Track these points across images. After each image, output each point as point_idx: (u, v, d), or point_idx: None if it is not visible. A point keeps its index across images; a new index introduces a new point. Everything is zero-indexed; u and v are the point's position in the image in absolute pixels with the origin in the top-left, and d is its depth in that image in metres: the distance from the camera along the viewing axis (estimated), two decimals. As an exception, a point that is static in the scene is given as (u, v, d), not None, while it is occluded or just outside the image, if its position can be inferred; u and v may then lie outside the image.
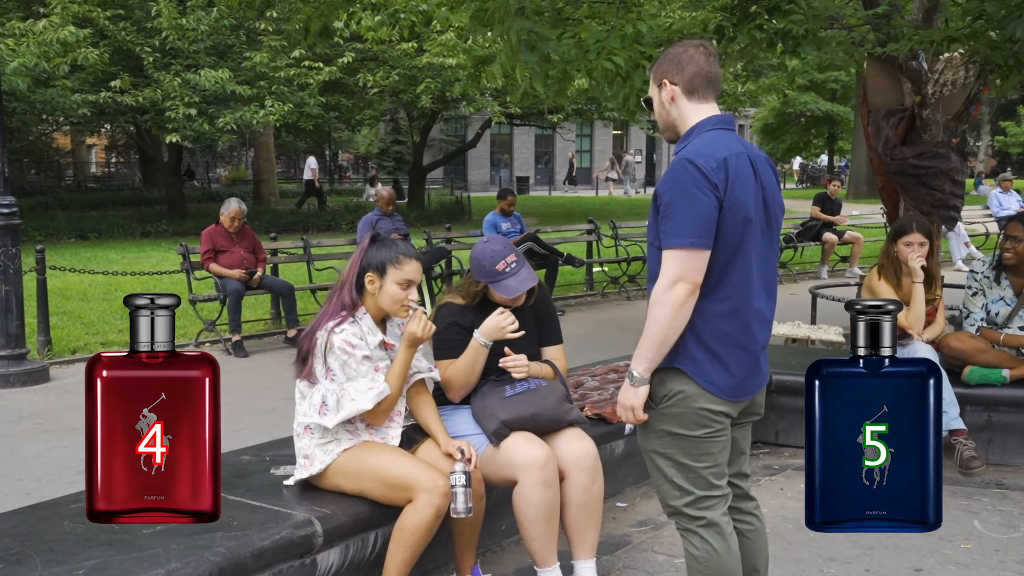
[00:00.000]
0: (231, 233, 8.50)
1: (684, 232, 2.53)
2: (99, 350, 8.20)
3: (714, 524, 2.73)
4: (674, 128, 2.76)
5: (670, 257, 2.55)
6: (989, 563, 3.83)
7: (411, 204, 24.33)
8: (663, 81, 2.73)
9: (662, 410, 2.70)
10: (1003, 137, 41.52)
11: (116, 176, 39.85)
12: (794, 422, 5.35)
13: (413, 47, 17.63)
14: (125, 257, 14.92)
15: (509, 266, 3.52)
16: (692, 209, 2.52)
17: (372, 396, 3.20)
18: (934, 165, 7.23)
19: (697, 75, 2.69)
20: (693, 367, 2.63)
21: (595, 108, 23.08)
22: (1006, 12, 4.81)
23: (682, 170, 2.56)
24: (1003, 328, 4.99)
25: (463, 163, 38.93)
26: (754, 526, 2.94)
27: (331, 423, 3.21)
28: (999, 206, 15.97)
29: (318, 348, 3.24)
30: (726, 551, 2.72)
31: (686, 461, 2.71)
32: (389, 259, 3.28)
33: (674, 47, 2.77)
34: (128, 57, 16.69)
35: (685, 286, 2.54)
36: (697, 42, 2.78)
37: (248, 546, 2.90)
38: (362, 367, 3.23)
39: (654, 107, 2.80)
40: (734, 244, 2.59)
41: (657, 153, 45.37)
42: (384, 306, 3.30)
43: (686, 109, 2.72)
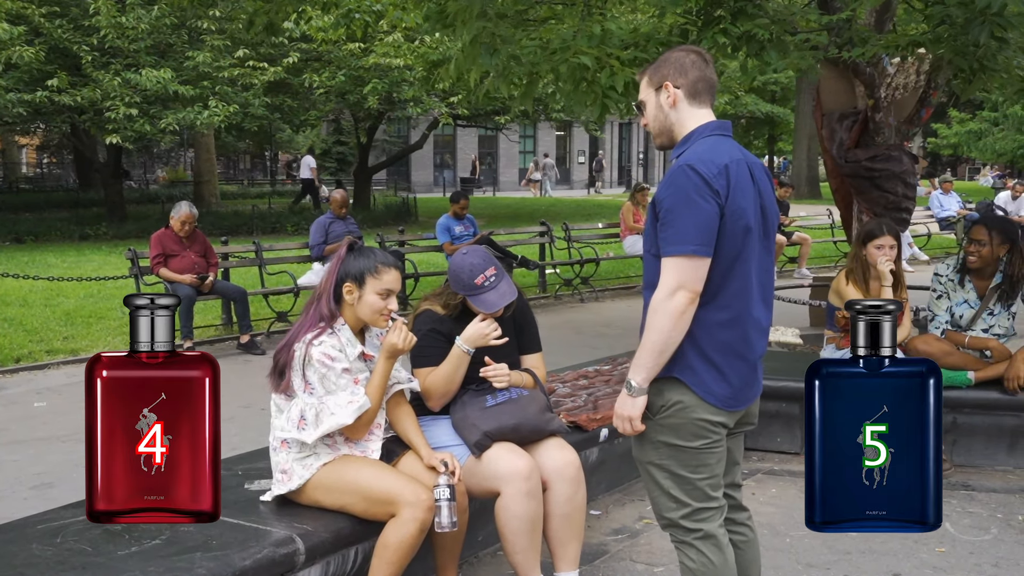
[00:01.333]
0: (181, 237, 8.30)
1: (685, 240, 2.49)
2: (44, 359, 7.96)
3: (711, 536, 2.69)
4: (670, 133, 2.72)
5: (670, 265, 2.51)
6: (964, 566, 3.86)
7: (357, 206, 24.06)
8: (665, 84, 2.68)
9: (659, 421, 2.66)
10: (934, 139, 42.54)
11: (50, 177, 38.84)
12: (762, 426, 5.30)
13: (359, 48, 17.46)
14: (65, 261, 14.51)
15: (488, 280, 3.44)
16: (694, 216, 2.49)
17: (352, 410, 3.12)
18: (887, 167, 7.35)
19: (700, 79, 2.67)
20: (692, 377, 2.60)
21: (541, 109, 23.08)
22: (968, 17, 4.87)
23: (684, 176, 2.52)
24: (967, 330, 5.06)
25: (407, 164, 38.70)
26: (747, 537, 2.92)
27: (310, 438, 3.12)
28: (940, 207, 16.34)
29: (296, 361, 3.14)
30: (723, 564, 2.69)
31: (683, 473, 2.67)
32: (367, 268, 3.20)
33: (673, 52, 2.74)
34: (65, 55, 16.25)
35: (686, 295, 2.50)
36: (694, 48, 2.75)
37: (229, 566, 2.80)
38: (341, 380, 3.14)
39: (648, 111, 2.75)
40: (734, 252, 2.56)
41: (602, 151, 45.59)
42: (363, 316, 3.22)
43: (686, 113, 2.68)
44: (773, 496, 4.73)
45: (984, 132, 37.57)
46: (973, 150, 39.00)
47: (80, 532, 3.00)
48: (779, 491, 4.80)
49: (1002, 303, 5.01)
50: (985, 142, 37.35)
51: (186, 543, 2.89)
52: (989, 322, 5.04)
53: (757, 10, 5.65)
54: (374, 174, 27.03)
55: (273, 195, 30.67)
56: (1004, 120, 35.78)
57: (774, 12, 5.83)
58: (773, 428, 5.37)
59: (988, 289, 5.02)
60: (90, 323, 9.30)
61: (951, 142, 40.26)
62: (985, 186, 35.87)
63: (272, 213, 22.32)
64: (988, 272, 5.00)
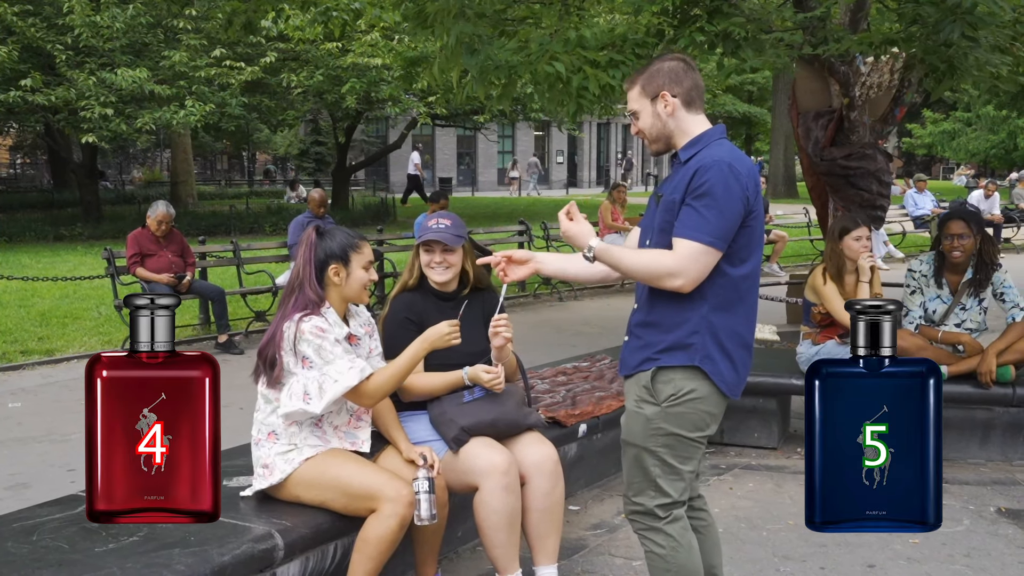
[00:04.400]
0: (158, 237, 8.26)
1: (708, 229, 2.55)
2: (19, 359, 7.89)
3: (679, 519, 2.78)
4: (669, 139, 2.79)
5: (683, 248, 2.57)
6: (938, 557, 3.91)
7: (336, 206, 24.01)
8: (661, 94, 2.75)
9: (665, 408, 2.70)
10: (909, 139, 42.92)
11: (23, 177, 38.48)
12: (739, 421, 5.40)
13: (337, 47, 17.40)
14: (39, 262, 14.39)
15: (439, 224, 3.58)
16: (724, 211, 2.56)
17: (355, 373, 3.09)
18: (862, 166, 7.42)
19: (693, 87, 2.76)
20: (712, 367, 2.67)
21: (519, 110, 23.09)
22: (940, 16, 4.93)
23: (727, 173, 2.58)
24: (940, 325, 5.11)
25: (385, 164, 38.61)
26: (707, 521, 3.01)
27: (319, 408, 3.09)
28: (914, 205, 16.49)
29: (286, 341, 3.11)
30: (689, 546, 2.78)
31: (674, 463, 2.73)
32: (349, 246, 3.23)
33: (664, 62, 2.80)
34: (39, 55, 16.10)
35: (680, 282, 2.57)
36: (680, 56, 2.83)
37: (208, 562, 2.79)
38: (337, 349, 3.12)
39: (643, 120, 2.81)
40: (757, 256, 2.70)
41: (578, 155, 45.68)
42: (351, 293, 3.24)
43: (685, 120, 2.75)
44: (751, 491, 4.77)
45: (958, 132, 37.99)
46: (947, 150, 39.44)
47: (56, 530, 2.99)
48: (756, 485, 4.84)
49: (974, 296, 5.07)
50: (959, 142, 37.78)
51: (164, 539, 2.88)
52: (961, 317, 5.10)
53: (733, 9, 5.69)
54: (352, 174, 26.95)
55: (251, 196, 30.52)
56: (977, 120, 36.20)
57: (750, 11, 5.87)
58: (751, 423, 5.42)
59: (960, 284, 5.08)
60: (65, 323, 9.23)
61: (925, 142, 40.69)
62: (959, 185, 36.23)
63: (250, 213, 22.21)
64: (961, 267, 5.06)
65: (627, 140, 48.31)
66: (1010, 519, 4.37)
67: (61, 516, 3.12)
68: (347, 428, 3.28)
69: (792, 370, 5.36)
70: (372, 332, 3.44)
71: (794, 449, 5.43)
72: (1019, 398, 4.99)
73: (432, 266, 3.60)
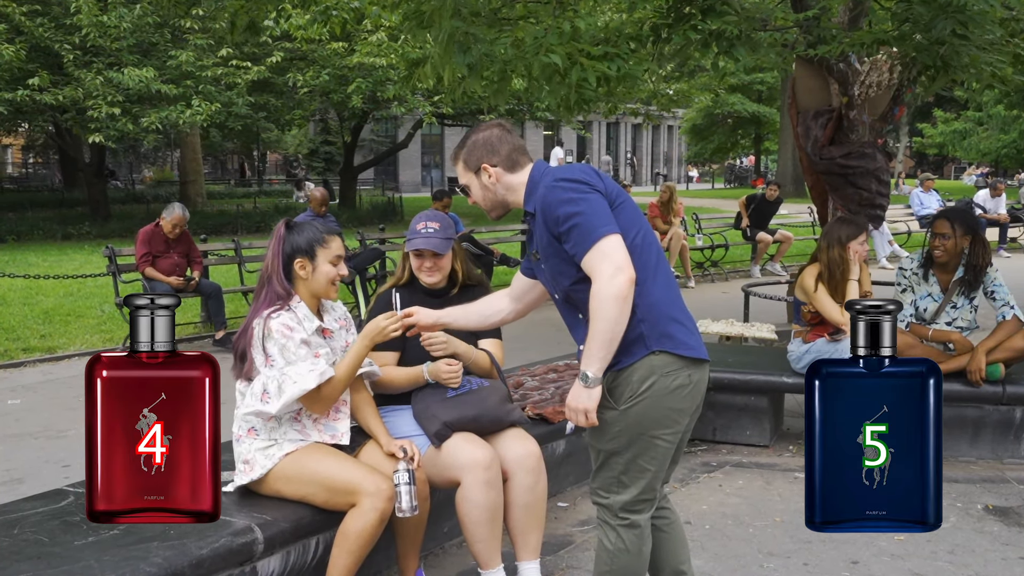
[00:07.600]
0: (169, 238, 8.34)
1: (594, 226, 2.56)
2: (21, 356, 7.95)
3: (636, 526, 2.78)
4: (504, 203, 2.87)
5: (596, 254, 2.56)
6: (921, 553, 3.91)
7: (343, 205, 24.10)
8: (482, 167, 2.81)
9: (625, 410, 2.67)
10: (920, 139, 42.76)
11: (35, 177, 38.67)
12: (731, 419, 5.41)
13: (343, 47, 17.45)
14: (46, 260, 14.48)
15: (427, 228, 3.58)
16: (588, 208, 2.58)
17: (314, 376, 3.12)
18: (861, 165, 7.41)
19: (513, 150, 2.82)
20: (671, 343, 2.65)
21: (527, 109, 23.09)
22: (933, 14, 4.92)
23: (557, 189, 2.63)
24: (931, 324, 5.11)
25: (394, 164, 38.70)
26: (670, 519, 3.00)
27: (275, 409, 3.12)
28: (920, 205, 16.42)
29: (255, 338, 3.15)
30: (638, 553, 2.79)
31: (640, 462, 2.72)
32: (315, 240, 3.25)
33: (478, 133, 2.86)
34: (47, 54, 16.20)
35: (624, 276, 2.54)
36: (495, 122, 2.90)
37: (186, 555, 2.81)
38: (301, 351, 3.15)
39: (474, 192, 2.87)
40: (639, 226, 2.71)
41: (589, 153, 45.70)
42: (318, 288, 3.26)
43: (513, 181, 2.82)
44: (739, 488, 4.77)
45: (969, 132, 37.81)
46: (958, 149, 39.26)
47: (38, 523, 3.02)
48: (745, 483, 4.85)
49: (965, 295, 5.07)
50: (969, 141, 37.60)
51: (143, 533, 2.90)
52: (952, 315, 5.09)
53: (726, 7, 5.69)
54: (360, 173, 27.01)
55: (259, 194, 30.61)
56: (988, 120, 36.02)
57: (743, 9, 5.87)
58: (743, 421, 5.42)
59: (951, 283, 5.07)
60: (68, 321, 9.29)
61: (936, 142, 40.52)
62: (969, 185, 36.07)
63: (257, 212, 22.30)
64: (951, 266, 5.06)
65: (635, 140, 48.32)
66: (997, 517, 4.37)
67: (45, 510, 3.15)
68: (326, 421, 3.30)
69: (784, 368, 5.37)
70: (348, 326, 3.46)
71: (786, 447, 5.43)
72: (1009, 396, 4.99)
73: (422, 270, 3.63)
